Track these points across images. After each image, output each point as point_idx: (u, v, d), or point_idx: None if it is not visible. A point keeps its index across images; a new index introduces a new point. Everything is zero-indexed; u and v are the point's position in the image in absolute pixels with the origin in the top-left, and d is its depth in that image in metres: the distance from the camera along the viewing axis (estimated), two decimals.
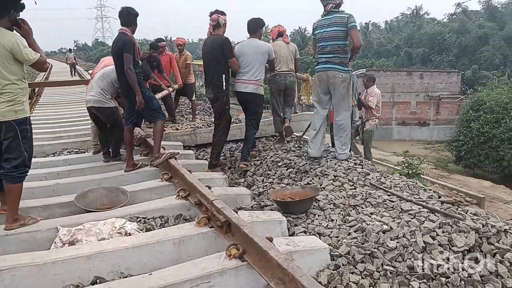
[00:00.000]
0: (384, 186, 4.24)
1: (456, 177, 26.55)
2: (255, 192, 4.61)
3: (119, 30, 5.01)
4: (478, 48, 50.28)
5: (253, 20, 5.71)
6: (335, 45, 5.10)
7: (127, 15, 4.95)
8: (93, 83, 5.49)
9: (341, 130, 5.16)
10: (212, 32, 5.48)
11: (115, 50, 4.91)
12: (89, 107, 5.46)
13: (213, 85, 5.41)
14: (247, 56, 5.48)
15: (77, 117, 9.68)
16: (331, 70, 5.12)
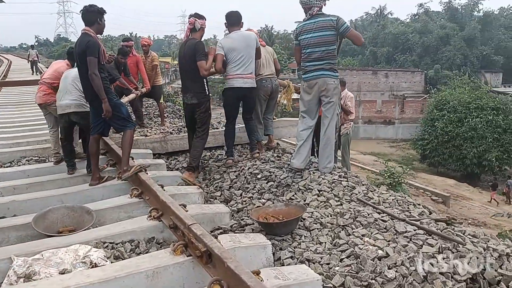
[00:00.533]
0: (372, 202, 4.01)
1: (422, 176, 27.12)
2: (233, 208, 4.28)
3: (81, 30, 4.56)
4: (440, 48, 51.63)
5: (233, 13, 5.45)
6: (324, 51, 4.77)
7: (87, 13, 4.50)
8: (67, 85, 4.99)
9: (328, 142, 4.87)
10: (189, 36, 5.23)
11: (78, 53, 4.46)
12: (67, 113, 4.95)
13: (194, 91, 5.18)
14: (240, 50, 5.25)
15: (37, 119, 9.03)
16: (323, 76, 4.80)
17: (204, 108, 5.22)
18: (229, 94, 5.42)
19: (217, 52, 5.24)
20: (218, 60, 5.23)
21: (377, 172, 25.43)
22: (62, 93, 5.05)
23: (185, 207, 3.79)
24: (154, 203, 3.91)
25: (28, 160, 6.23)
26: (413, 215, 3.75)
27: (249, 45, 5.31)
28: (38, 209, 4.27)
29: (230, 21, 5.43)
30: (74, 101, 4.92)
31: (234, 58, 5.24)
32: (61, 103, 4.99)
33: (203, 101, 5.21)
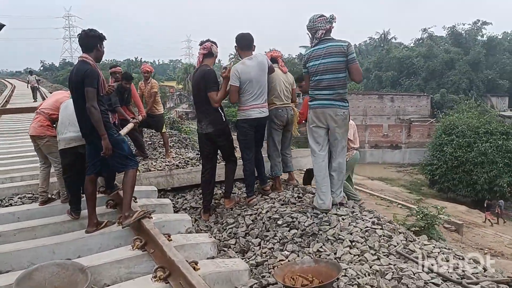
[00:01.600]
0: (415, 256, 3.40)
1: (431, 202, 26.39)
2: (251, 261, 3.68)
3: (78, 57, 4.07)
4: (445, 72, 51.42)
5: (245, 35, 4.93)
6: (334, 78, 4.37)
7: (87, 38, 4.02)
8: (70, 116, 4.37)
9: (341, 173, 4.51)
10: (202, 62, 4.83)
11: (74, 83, 3.95)
12: (72, 147, 4.36)
13: (209, 119, 4.79)
14: (257, 80, 4.79)
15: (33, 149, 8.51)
16: (332, 107, 4.40)
17: (225, 136, 4.91)
18: (245, 126, 4.90)
19: (232, 83, 4.75)
20: (233, 92, 4.77)
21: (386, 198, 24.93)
22: (64, 125, 4.47)
23: (196, 264, 3.22)
24: (159, 259, 3.33)
25: (21, 198, 5.68)
26: (467, 275, 3.14)
27: (264, 71, 4.87)
28: (25, 262, 3.74)
29: (242, 44, 4.93)
30: (79, 133, 4.33)
31: (250, 89, 4.78)
32: (65, 136, 4.39)
33: (222, 129, 4.84)
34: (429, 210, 5.94)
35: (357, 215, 4.19)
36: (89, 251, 3.95)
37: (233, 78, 4.73)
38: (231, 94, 4.78)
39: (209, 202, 4.99)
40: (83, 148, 4.31)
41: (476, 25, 56.67)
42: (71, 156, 4.40)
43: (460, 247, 15.94)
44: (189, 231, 4.33)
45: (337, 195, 4.48)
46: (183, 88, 73.49)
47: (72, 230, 4.39)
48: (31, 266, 3.68)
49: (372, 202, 23.95)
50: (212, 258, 3.77)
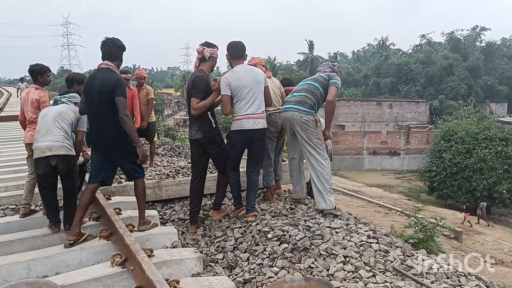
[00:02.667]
0: (413, 273, 3.18)
1: (430, 209, 26.16)
2: (239, 278, 3.45)
3: (101, 65, 4.04)
4: (444, 78, 51.30)
5: (236, 43, 4.69)
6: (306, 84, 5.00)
7: (114, 47, 4.06)
8: (48, 124, 4.22)
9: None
10: (198, 66, 4.62)
11: (99, 92, 3.91)
12: (47, 156, 4.09)
13: (198, 125, 4.55)
14: (249, 86, 4.51)
15: (22, 157, 8.29)
16: (291, 110, 4.83)
17: (216, 145, 4.63)
18: (237, 138, 4.59)
19: (223, 93, 4.49)
20: (225, 102, 4.50)
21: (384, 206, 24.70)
22: (41, 133, 4.24)
23: (178, 283, 3.00)
24: (138, 278, 3.12)
25: (4, 209, 5.45)
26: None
27: (258, 81, 4.58)
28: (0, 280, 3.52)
29: (233, 53, 4.67)
30: (56, 142, 4.14)
31: (242, 96, 4.48)
32: (40, 144, 4.16)
33: (211, 136, 4.58)
34: (428, 221, 5.72)
35: (351, 228, 3.98)
36: (67, 267, 3.74)
37: (223, 88, 4.49)
38: (223, 105, 4.54)
39: (196, 213, 4.76)
40: (55, 159, 4.09)
41: (475, 31, 56.68)
42: (45, 167, 4.16)
43: (460, 255, 15.71)
44: (175, 245, 4.10)
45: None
46: (181, 95, 73.37)
47: (52, 244, 4.17)
48: (5, 283, 3.47)
49: (370, 209, 23.73)
50: (197, 275, 3.56)
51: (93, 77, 4.06)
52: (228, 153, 4.73)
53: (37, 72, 4.90)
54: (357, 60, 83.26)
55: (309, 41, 73.13)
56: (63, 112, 4.39)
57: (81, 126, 4.50)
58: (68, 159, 4.18)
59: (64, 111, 4.40)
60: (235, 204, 4.78)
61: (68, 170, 4.19)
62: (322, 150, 4.76)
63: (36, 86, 4.97)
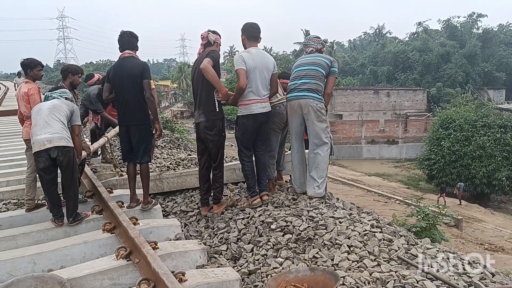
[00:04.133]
0: (417, 262, 3.19)
1: (430, 197, 26.23)
2: (243, 269, 3.46)
3: (124, 54, 4.55)
4: (441, 66, 51.24)
5: (254, 24, 4.70)
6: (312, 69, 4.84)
7: (132, 38, 4.60)
8: (45, 118, 4.19)
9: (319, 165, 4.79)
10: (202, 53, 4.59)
11: (130, 76, 4.43)
12: (46, 149, 4.07)
13: (204, 108, 4.53)
14: (261, 70, 4.53)
15: (22, 152, 8.26)
16: (305, 98, 4.76)
17: (216, 131, 4.57)
18: (248, 122, 4.57)
19: (240, 67, 4.45)
20: (242, 75, 4.42)
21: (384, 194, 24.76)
22: (38, 127, 4.20)
23: (183, 275, 3.00)
24: (144, 270, 3.12)
25: (6, 204, 5.46)
26: (474, 281, 2.94)
27: (268, 67, 4.60)
28: (4, 274, 3.54)
29: (250, 33, 4.66)
30: (56, 134, 4.11)
31: (252, 78, 4.48)
32: (39, 137, 4.12)
33: (213, 120, 4.54)
34: (430, 210, 5.74)
35: (355, 218, 3.98)
36: (72, 260, 3.74)
37: (239, 62, 4.46)
38: (240, 77, 4.42)
39: (207, 195, 4.77)
40: (55, 151, 4.07)
41: (472, 17, 56.55)
42: (46, 160, 4.13)
43: (460, 242, 15.79)
44: (178, 237, 4.11)
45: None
46: (178, 87, 73.11)
47: (56, 238, 4.18)
48: (11, 278, 3.48)
49: (369, 198, 23.78)
50: (201, 267, 3.57)
51: (120, 65, 4.53)
52: (240, 141, 4.71)
53: (27, 66, 4.86)
54: (353, 49, 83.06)
55: (305, 31, 72.84)
56: (57, 105, 4.36)
57: (75, 120, 4.46)
58: (68, 150, 4.15)
59: (58, 104, 4.38)
60: (251, 193, 4.69)
61: (68, 161, 4.16)
62: (327, 138, 4.78)
63: (27, 80, 4.94)
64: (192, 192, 5.59)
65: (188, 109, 57.56)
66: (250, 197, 4.68)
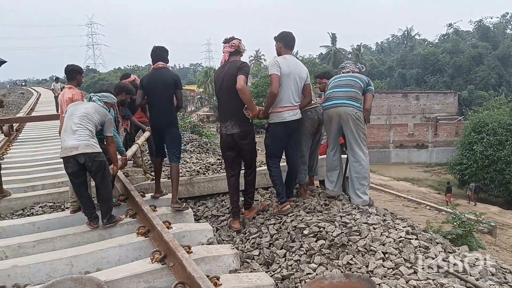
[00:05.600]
0: (456, 270, 3.11)
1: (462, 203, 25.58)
2: (276, 274, 3.45)
3: (158, 65, 4.93)
4: (473, 68, 50.01)
5: (290, 34, 4.74)
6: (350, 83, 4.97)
7: (164, 52, 4.98)
8: (73, 124, 4.28)
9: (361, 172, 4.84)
10: (228, 60, 4.55)
11: (164, 85, 4.81)
12: (74, 155, 4.16)
13: (236, 119, 4.46)
14: (294, 78, 4.53)
15: (57, 156, 8.48)
16: (343, 105, 4.81)
17: (250, 139, 4.58)
18: (280, 130, 4.57)
19: (274, 72, 4.44)
20: (276, 80, 4.41)
21: (413, 200, 24.27)
22: (67, 133, 4.30)
23: (218, 279, 3.02)
24: (179, 274, 3.16)
25: (42, 207, 5.60)
26: None
27: (301, 75, 4.60)
28: (43, 276, 3.63)
29: (287, 42, 4.69)
30: (82, 141, 4.19)
31: (286, 84, 4.47)
32: (66, 144, 4.22)
33: (248, 131, 4.52)
34: (466, 216, 5.59)
35: (389, 224, 3.91)
36: (108, 263, 3.81)
37: (274, 67, 4.45)
38: (273, 83, 4.41)
39: (238, 208, 4.72)
40: (82, 157, 4.16)
41: (505, 18, 55.13)
42: (74, 166, 4.23)
43: (494, 250, 15.32)
44: (211, 242, 4.14)
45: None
46: (204, 91, 73.76)
47: (91, 241, 4.26)
48: (50, 279, 3.58)
49: (398, 203, 23.36)
50: (234, 271, 3.58)
51: (154, 75, 4.90)
52: (270, 147, 4.71)
53: (74, 72, 5.13)
54: (381, 51, 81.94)
55: (332, 34, 72.42)
56: (89, 113, 4.41)
57: (107, 131, 4.54)
58: (95, 156, 4.21)
59: (90, 113, 4.43)
60: (280, 199, 4.65)
61: (97, 166, 4.24)
62: (365, 146, 4.81)
63: (70, 85, 5.10)
64: (223, 197, 5.61)
65: (214, 113, 57.93)
66: (280, 204, 4.65)
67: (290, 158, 4.77)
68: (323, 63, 66.89)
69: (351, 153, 4.86)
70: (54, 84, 20.30)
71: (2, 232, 4.59)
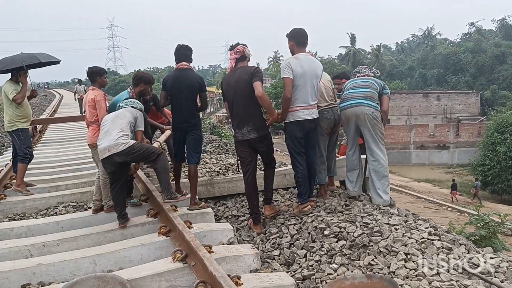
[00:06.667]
0: (480, 271, 3.06)
1: (485, 204, 25.06)
2: (297, 275, 3.45)
3: (182, 65, 4.86)
4: (496, 67, 49.02)
5: (302, 30, 4.66)
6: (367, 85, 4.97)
7: (188, 51, 4.93)
8: (107, 127, 4.47)
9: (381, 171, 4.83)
10: (234, 67, 4.56)
11: (189, 87, 4.80)
12: (108, 156, 4.32)
13: (253, 124, 4.44)
14: (309, 76, 4.49)
15: (80, 157, 8.68)
16: (359, 105, 4.81)
17: (266, 141, 4.59)
18: (294, 129, 4.55)
19: (286, 76, 4.43)
20: (288, 84, 4.40)
21: (434, 201, 23.90)
22: (101, 136, 4.51)
23: (239, 279, 3.04)
24: (200, 273, 3.18)
25: (66, 207, 5.71)
26: None
27: (317, 74, 4.57)
28: (67, 274, 3.70)
29: (299, 39, 4.62)
30: (112, 141, 4.32)
31: (300, 84, 4.44)
32: (100, 147, 4.42)
33: (265, 135, 4.54)
34: (490, 218, 5.49)
35: (411, 225, 3.87)
36: (130, 262, 3.86)
37: (286, 70, 4.43)
38: (286, 86, 4.42)
39: (258, 212, 4.67)
40: (117, 157, 4.28)
41: None
42: (111, 166, 4.39)
43: None
44: (231, 242, 4.16)
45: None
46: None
47: (114, 240, 4.34)
48: (74, 277, 3.65)
49: (419, 205, 23.01)
50: (255, 271, 3.59)
51: (178, 76, 4.84)
52: (290, 146, 4.64)
53: (96, 73, 5.16)
54: (401, 51, 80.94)
55: (351, 34, 71.85)
56: (119, 113, 4.61)
57: (139, 126, 4.67)
58: (128, 150, 4.32)
59: (120, 112, 4.63)
60: (302, 200, 4.63)
61: (136, 156, 4.46)
62: (383, 145, 4.80)
63: (93, 87, 5.18)
64: (243, 197, 5.62)
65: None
66: (301, 204, 4.63)
67: (308, 158, 4.73)
68: (342, 64, 66.45)
69: (370, 152, 4.84)
70: (77, 86, 20.48)
71: (27, 231, 4.70)
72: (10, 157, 8.09)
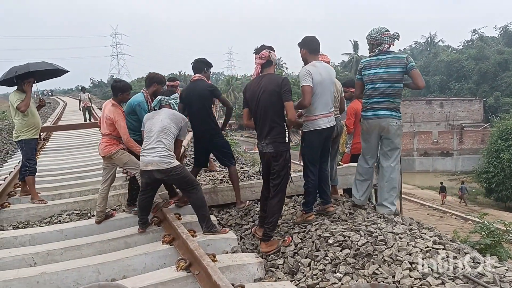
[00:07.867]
0: (485, 281, 3.03)
1: (489, 212, 24.91)
2: (301, 284, 3.44)
3: (194, 78, 5.28)
4: (499, 74, 49.02)
5: (315, 38, 4.59)
6: (389, 87, 4.57)
7: (197, 63, 5.31)
8: (152, 140, 4.37)
9: (390, 185, 4.71)
10: (260, 73, 4.33)
11: (200, 97, 5.09)
12: (149, 170, 4.28)
13: (271, 138, 4.19)
14: (327, 84, 4.44)
15: (83, 165, 8.69)
16: (384, 117, 4.61)
17: (282, 160, 4.21)
18: (315, 138, 4.46)
19: (306, 84, 4.29)
20: (307, 93, 4.27)
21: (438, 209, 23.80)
22: (145, 148, 4.39)
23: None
24: (204, 283, 3.19)
25: (69, 215, 5.72)
26: None
27: (332, 80, 4.55)
28: (71, 282, 3.72)
29: (312, 46, 4.54)
30: (156, 157, 4.25)
31: (320, 92, 4.37)
32: (143, 158, 4.35)
33: (282, 152, 4.21)
34: (495, 226, 5.45)
35: (415, 234, 3.85)
36: (133, 271, 3.87)
37: (306, 78, 4.29)
38: (305, 95, 4.27)
39: (265, 217, 4.53)
40: (157, 173, 4.27)
41: None
42: (148, 178, 4.37)
43: None
44: (235, 250, 4.14)
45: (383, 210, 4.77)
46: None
47: (118, 249, 4.34)
48: (77, 286, 3.66)
49: (423, 212, 22.92)
50: (259, 280, 3.58)
51: (190, 89, 5.26)
52: (307, 156, 4.56)
53: (119, 90, 5.06)
54: None
55: (354, 41, 72.04)
56: (166, 126, 4.42)
57: (181, 135, 4.67)
58: (170, 170, 4.26)
59: (167, 126, 4.43)
60: (306, 209, 4.56)
61: (175, 179, 4.41)
62: (399, 155, 4.77)
63: (113, 102, 5.03)
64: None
65: (236, 122, 58.25)
66: (305, 213, 4.59)
67: (321, 166, 4.66)
68: (344, 71, 66.57)
69: (386, 162, 4.73)
70: (81, 94, 20.00)
71: (31, 239, 4.71)
72: (15, 164, 8.14)
